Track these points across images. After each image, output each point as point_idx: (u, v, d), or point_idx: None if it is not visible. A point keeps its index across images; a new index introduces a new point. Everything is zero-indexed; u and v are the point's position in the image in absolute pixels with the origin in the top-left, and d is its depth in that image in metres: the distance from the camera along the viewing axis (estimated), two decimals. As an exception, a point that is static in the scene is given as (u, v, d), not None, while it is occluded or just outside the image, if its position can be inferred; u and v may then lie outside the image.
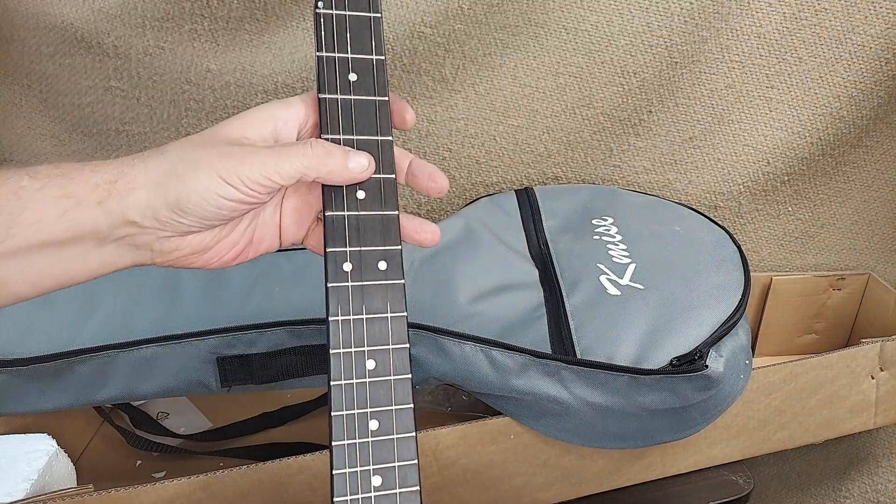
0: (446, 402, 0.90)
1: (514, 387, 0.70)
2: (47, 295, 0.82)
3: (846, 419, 0.82)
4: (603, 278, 0.74)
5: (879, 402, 0.82)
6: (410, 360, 0.48)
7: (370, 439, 0.46)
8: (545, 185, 0.93)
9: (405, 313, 0.48)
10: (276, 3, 0.81)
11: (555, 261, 0.78)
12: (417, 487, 0.47)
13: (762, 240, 0.96)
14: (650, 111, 0.89)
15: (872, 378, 0.81)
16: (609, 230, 0.80)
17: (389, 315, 0.47)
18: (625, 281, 0.74)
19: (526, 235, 0.83)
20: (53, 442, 0.73)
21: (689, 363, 0.67)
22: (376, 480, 0.46)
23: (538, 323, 0.72)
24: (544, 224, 0.83)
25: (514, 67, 0.87)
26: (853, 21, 0.84)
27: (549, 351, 0.70)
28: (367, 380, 0.46)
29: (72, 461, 0.74)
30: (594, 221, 0.82)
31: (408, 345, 0.48)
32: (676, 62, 0.86)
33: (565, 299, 0.73)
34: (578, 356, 0.69)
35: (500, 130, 0.90)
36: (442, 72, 0.86)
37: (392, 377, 0.47)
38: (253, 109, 0.48)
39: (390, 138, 0.48)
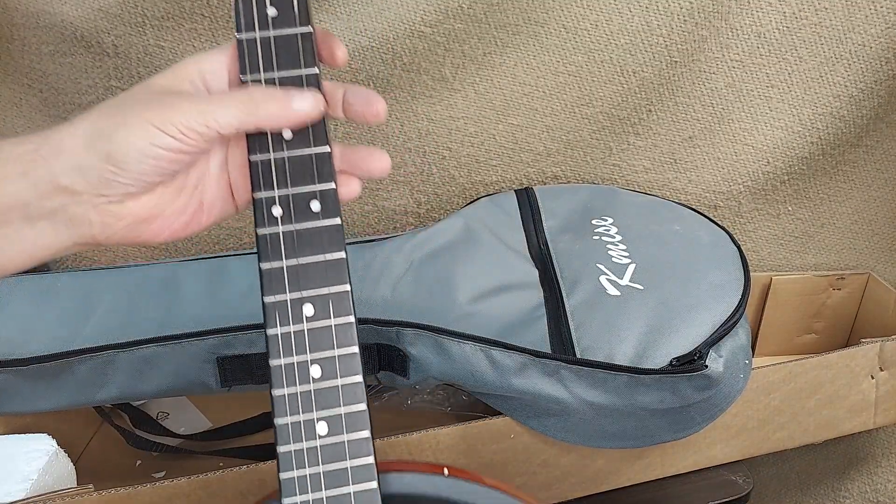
0: (446, 402, 0.90)
1: (514, 386, 0.70)
2: (47, 294, 0.82)
3: (846, 419, 0.82)
4: (602, 278, 0.74)
5: (879, 401, 0.82)
6: (353, 303, 0.45)
7: (312, 387, 0.44)
8: (545, 184, 0.93)
9: (344, 255, 0.45)
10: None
11: (554, 261, 0.78)
12: (368, 434, 0.45)
13: (762, 239, 0.96)
14: (650, 110, 0.89)
15: (872, 378, 0.81)
16: (609, 230, 0.80)
17: (326, 257, 0.45)
18: (624, 281, 0.74)
19: (526, 235, 0.83)
20: (53, 442, 0.73)
21: (689, 363, 0.67)
22: (321, 428, 0.44)
23: (538, 323, 0.72)
24: (544, 224, 0.84)
25: (513, 66, 0.87)
26: (854, 20, 0.84)
27: (548, 351, 0.70)
28: (306, 326, 0.44)
29: (72, 461, 0.74)
30: (594, 221, 0.82)
31: (348, 287, 0.45)
32: (676, 61, 0.86)
33: (565, 299, 0.73)
34: (578, 356, 0.69)
35: (500, 129, 0.90)
36: (442, 71, 0.86)
37: (333, 321, 0.45)
38: (179, 63, 0.46)
39: (316, 70, 0.45)
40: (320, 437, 0.44)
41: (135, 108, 0.43)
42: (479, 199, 0.90)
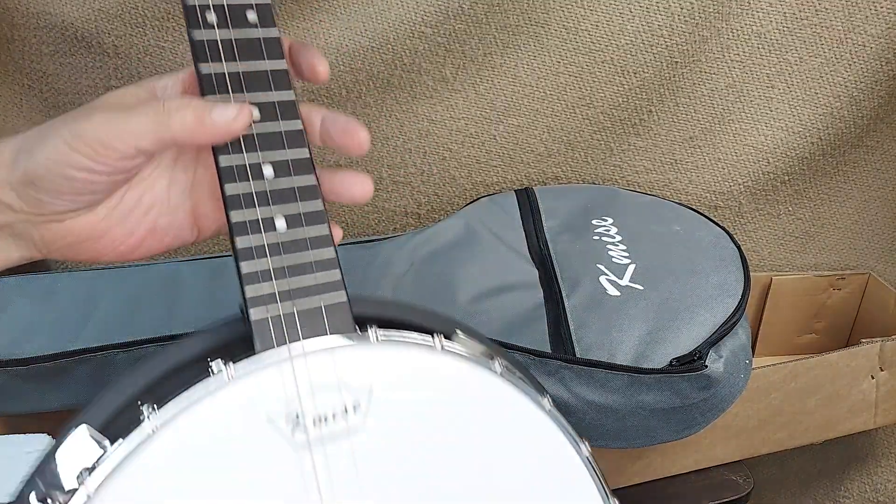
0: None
1: (515, 386, 0.70)
2: (47, 294, 0.82)
3: (846, 419, 0.82)
4: (602, 279, 0.74)
5: (879, 401, 0.82)
6: (299, 111, 0.44)
7: (268, 187, 0.43)
8: (545, 184, 0.93)
9: (285, 66, 0.44)
10: (276, 2, 0.81)
11: (554, 261, 0.78)
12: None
13: (762, 239, 0.96)
14: (650, 111, 0.89)
15: (872, 378, 0.81)
16: (609, 230, 0.80)
17: (268, 65, 0.43)
18: (624, 282, 0.74)
19: (526, 235, 0.83)
20: (53, 442, 0.73)
21: (689, 363, 0.67)
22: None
23: (538, 323, 0.72)
24: (544, 224, 0.83)
25: (514, 67, 0.87)
26: (854, 21, 0.84)
27: (548, 351, 0.70)
28: (254, 130, 0.42)
29: (72, 461, 0.74)
30: (594, 222, 0.82)
31: (293, 97, 0.43)
32: (677, 62, 0.86)
33: (565, 300, 0.73)
34: (578, 356, 0.69)
35: (501, 130, 0.90)
36: (442, 71, 0.86)
37: (282, 126, 0.43)
38: (147, 78, 0.45)
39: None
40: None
41: (56, 124, 0.40)
42: (479, 198, 0.90)
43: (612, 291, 0.73)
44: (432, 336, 0.44)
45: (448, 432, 0.43)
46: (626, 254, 0.77)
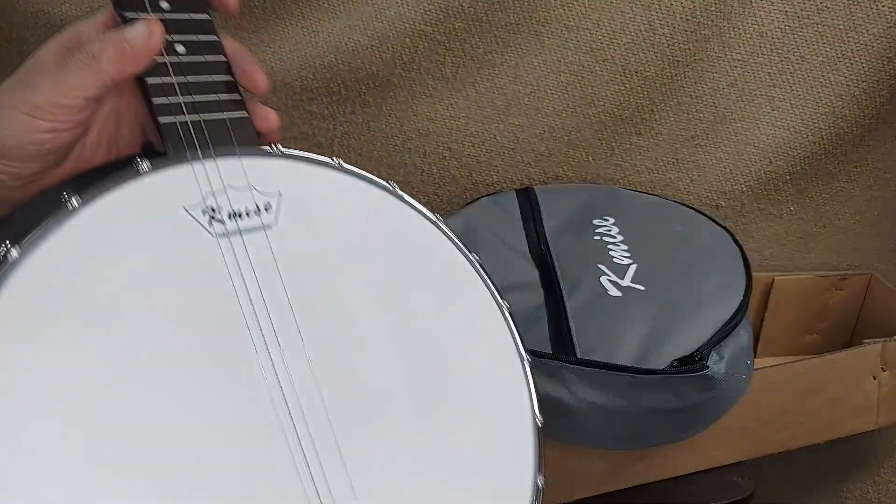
0: (447, 402, 0.90)
1: (515, 387, 0.69)
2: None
3: (848, 420, 0.82)
4: (604, 279, 0.74)
5: (882, 402, 0.82)
6: None
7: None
8: (546, 184, 0.92)
9: None
10: (276, 1, 0.81)
11: (555, 261, 0.78)
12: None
13: (764, 239, 0.96)
14: (652, 110, 0.89)
15: (875, 378, 0.81)
16: (610, 230, 0.80)
17: None
18: (626, 282, 0.73)
19: (526, 235, 0.82)
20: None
21: (690, 364, 0.67)
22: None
23: (539, 324, 0.72)
24: (545, 224, 0.83)
25: (515, 66, 0.86)
26: (855, 20, 0.84)
27: (549, 352, 0.69)
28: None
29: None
30: (595, 222, 0.82)
31: None
32: (679, 61, 0.86)
33: (566, 300, 0.73)
34: (579, 357, 0.68)
35: (501, 129, 0.90)
36: (442, 70, 0.85)
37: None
38: (67, 28, 0.48)
39: None
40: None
41: (7, 95, 0.44)
42: (479, 198, 0.90)
43: (614, 292, 0.73)
44: (331, 158, 0.49)
45: (353, 236, 0.48)
46: (628, 254, 0.77)
